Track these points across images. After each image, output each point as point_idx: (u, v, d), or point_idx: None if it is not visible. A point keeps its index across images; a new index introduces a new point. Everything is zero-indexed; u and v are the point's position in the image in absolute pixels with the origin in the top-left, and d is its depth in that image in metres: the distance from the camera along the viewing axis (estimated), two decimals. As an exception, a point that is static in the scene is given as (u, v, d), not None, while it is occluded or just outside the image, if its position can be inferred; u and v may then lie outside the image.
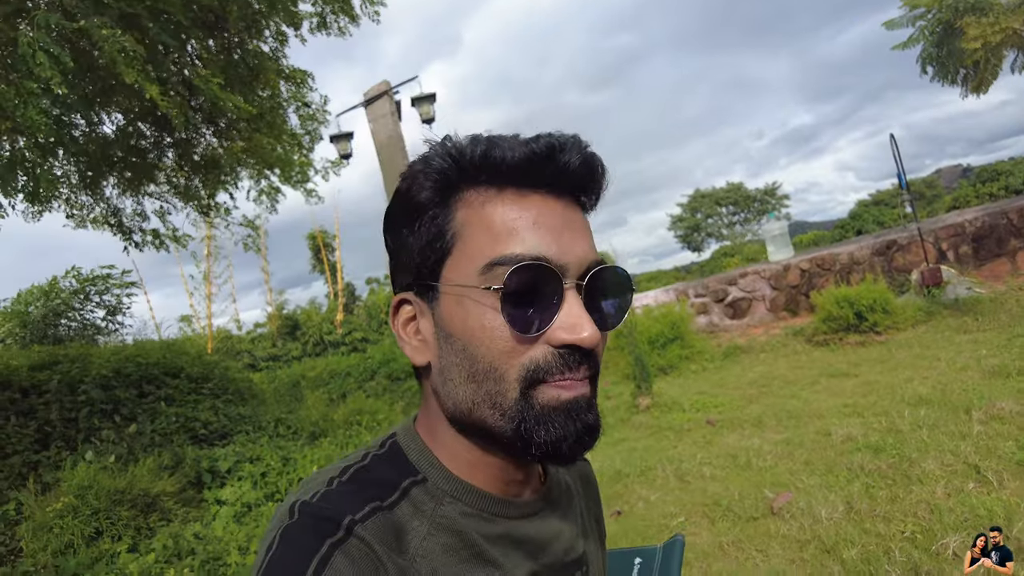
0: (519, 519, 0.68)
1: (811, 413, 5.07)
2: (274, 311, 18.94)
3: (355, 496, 0.62)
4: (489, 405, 0.61)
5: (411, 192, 0.65)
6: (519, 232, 0.61)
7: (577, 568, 0.75)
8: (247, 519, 4.56)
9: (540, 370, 0.60)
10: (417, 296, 0.66)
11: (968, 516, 2.81)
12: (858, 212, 35.93)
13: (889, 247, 8.30)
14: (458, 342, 0.62)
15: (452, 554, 0.63)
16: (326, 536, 0.57)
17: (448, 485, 0.66)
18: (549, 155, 0.62)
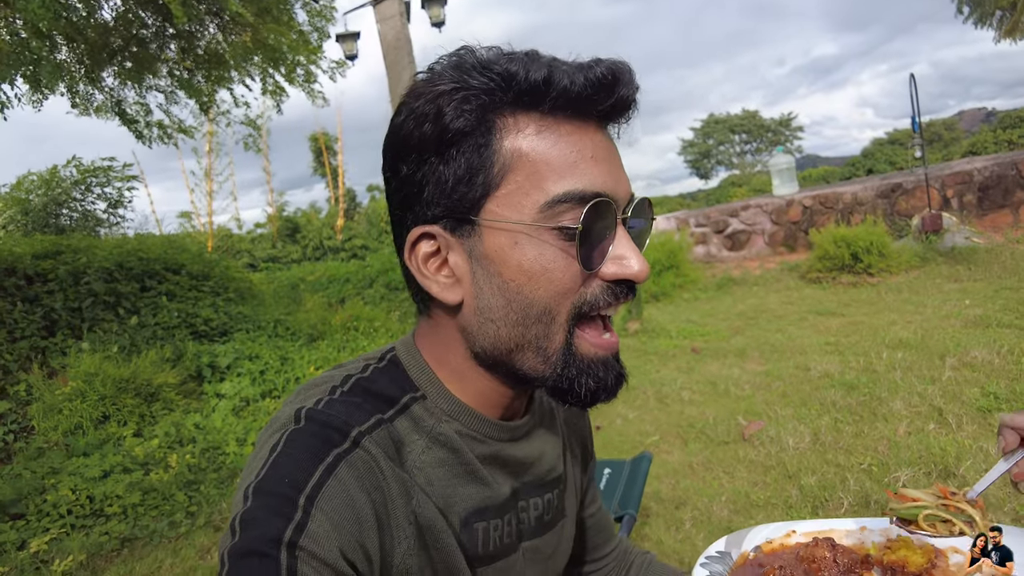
0: (508, 441, 0.71)
1: (794, 348, 5.23)
2: (275, 212, 18.92)
3: (359, 408, 0.63)
4: (534, 350, 0.62)
5: (443, 114, 0.58)
6: (579, 165, 0.59)
7: (555, 487, 0.79)
8: (245, 413, 4.79)
9: (587, 305, 0.61)
10: (446, 230, 0.62)
11: (923, 453, 2.99)
12: (871, 151, 35.28)
13: (894, 190, 8.26)
14: (510, 283, 0.60)
15: (447, 468, 0.66)
16: (333, 445, 0.58)
17: (447, 404, 0.67)
18: (612, 85, 0.59)
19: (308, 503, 0.53)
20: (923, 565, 0.70)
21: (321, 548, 0.51)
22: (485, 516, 0.68)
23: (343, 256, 17.74)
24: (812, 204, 8.92)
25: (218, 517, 3.29)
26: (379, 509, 0.58)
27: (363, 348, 6.15)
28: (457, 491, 0.66)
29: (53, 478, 3.65)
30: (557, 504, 0.80)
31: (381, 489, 0.59)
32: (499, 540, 0.70)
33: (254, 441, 3.89)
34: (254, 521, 0.51)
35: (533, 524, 0.76)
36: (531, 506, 0.75)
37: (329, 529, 0.52)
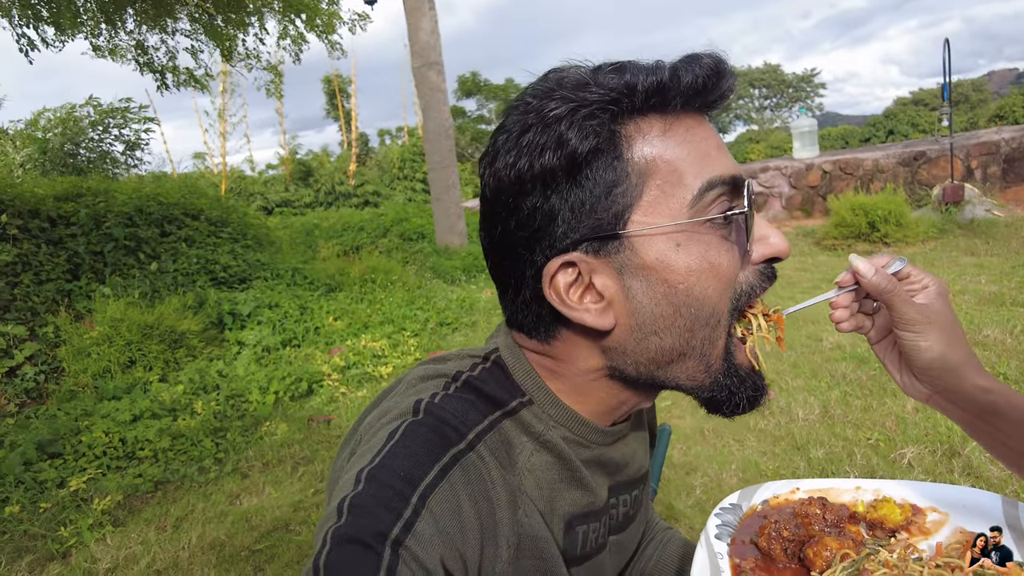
0: (610, 445, 0.73)
1: (806, 317, 5.27)
2: (288, 155, 18.83)
3: (474, 407, 0.63)
4: (697, 357, 0.62)
5: (566, 139, 0.57)
6: (711, 155, 0.60)
7: (642, 482, 0.83)
8: (266, 361, 4.91)
9: (744, 295, 0.62)
10: (588, 254, 0.60)
11: (929, 431, 3.07)
12: (894, 111, 34.40)
13: (916, 158, 8.15)
14: (679, 287, 0.59)
15: (553, 472, 0.66)
16: (451, 444, 0.58)
17: (554, 411, 0.67)
18: (721, 75, 0.59)
19: (420, 502, 0.53)
20: (899, 522, 0.76)
21: (424, 551, 0.50)
22: (587, 520, 0.70)
23: (355, 202, 17.74)
24: (832, 169, 8.82)
25: (245, 465, 3.44)
26: (484, 519, 0.58)
27: (380, 301, 6.24)
28: (562, 495, 0.67)
29: (86, 420, 3.80)
30: (640, 499, 0.83)
31: (489, 498, 0.59)
32: (595, 541, 0.72)
33: (276, 390, 4.03)
34: (363, 509, 0.51)
35: (620, 519, 0.79)
36: (620, 503, 0.78)
37: (434, 533, 0.52)
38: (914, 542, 0.74)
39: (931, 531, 0.76)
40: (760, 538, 0.76)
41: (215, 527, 2.84)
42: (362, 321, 5.71)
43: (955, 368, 0.65)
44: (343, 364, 4.76)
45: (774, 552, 0.74)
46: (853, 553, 0.70)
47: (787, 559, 0.73)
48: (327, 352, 5.05)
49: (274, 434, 3.75)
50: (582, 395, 0.68)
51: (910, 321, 0.65)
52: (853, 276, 0.70)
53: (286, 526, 2.79)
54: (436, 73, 8.89)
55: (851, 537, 0.74)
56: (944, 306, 0.67)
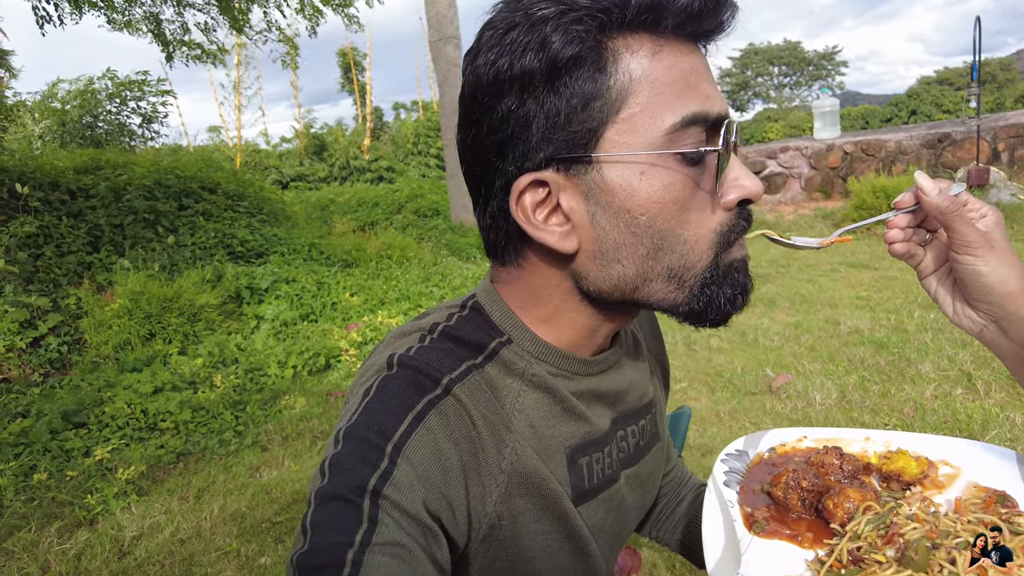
0: (598, 375, 0.71)
1: (824, 301, 5.24)
2: (302, 129, 18.79)
3: (450, 354, 0.63)
4: (665, 279, 0.60)
5: (550, 41, 0.54)
6: (700, 87, 0.57)
7: (648, 411, 0.81)
8: (283, 335, 4.96)
9: (731, 232, 0.60)
10: (558, 172, 0.58)
11: (948, 419, 3.05)
12: (917, 91, 33.69)
13: (941, 140, 8.00)
14: (640, 218, 0.57)
15: (545, 409, 0.65)
16: (425, 391, 0.58)
17: (533, 347, 0.66)
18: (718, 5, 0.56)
19: (395, 452, 0.53)
20: (916, 475, 0.74)
21: (404, 498, 0.52)
22: (587, 451, 0.69)
23: (369, 177, 17.71)
24: (853, 151, 8.68)
25: (264, 438, 3.49)
26: (467, 459, 0.59)
27: (396, 277, 6.26)
28: (558, 430, 0.66)
29: (109, 391, 3.86)
30: (650, 428, 0.81)
31: (471, 438, 0.59)
32: (601, 473, 0.71)
33: (294, 364, 4.07)
34: (341, 466, 0.53)
35: (632, 452, 0.77)
36: (628, 434, 0.77)
37: (414, 479, 0.53)
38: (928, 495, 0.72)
39: (944, 485, 0.74)
40: (775, 487, 0.74)
41: (236, 499, 2.90)
42: (378, 297, 5.74)
43: (1014, 294, 0.63)
44: (360, 340, 4.80)
45: (790, 502, 0.72)
46: (876, 505, 0.68)
47: (803, 510, 0.72)
48: (344, 328, 5.09)
49: (293, 408, 3.80)
50: (556, 324, 0.66)
51: (971, 243, 0.63)
52: (913, 196, 0.67)
53: (306, 499, 2.83)
54: (453, 47, 8.80)
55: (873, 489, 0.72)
56: (1003, 234, 0.65)
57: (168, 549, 2.58)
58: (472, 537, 0.61)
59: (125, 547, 2.62)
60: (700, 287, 0.60)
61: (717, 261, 0.60)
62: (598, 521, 0.72)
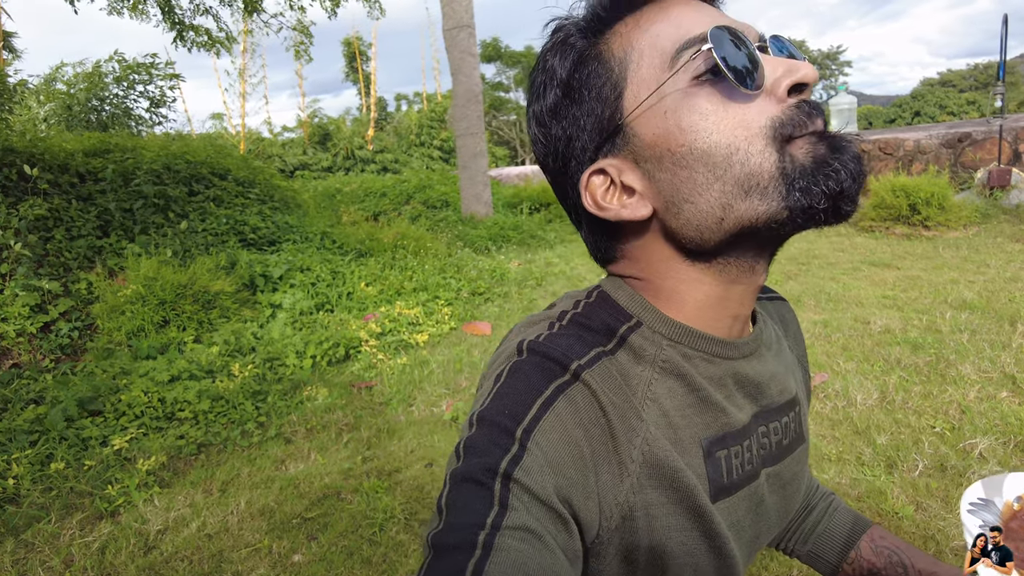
0: (739, 359, 0.67)
1: (850, 299, 5.15)
2: (306, 118, 18.61)
3: (579, 340, 0.62)
4: (744, 193, 0.56)
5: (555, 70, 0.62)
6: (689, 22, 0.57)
7: (791, 408, 0.75)
8: (300, 324, 4.85)
9: (787, 125, 0.55)
10: (609, 156, 0.61)
11: (998, 422, 2.96)
12: (921, 92, 33.69)
13: (961, 140, 7.91)
14: (679, 152, 0.57)
15: (679, 398, 0.63)
16: (553, 377, 0.58)
17: (665, 328, 0.64)
18: None
19: (525, 436, 0.54)
20: None
21: (534, 482, 0.52)
22: (726, 444, 0.65)
23: (374, 168, 17.56)
24: (871, 149, 8.59)
25: (288, 430, 3.38)
26: (596, 446, 0.58)
27: (411, 268, 6.15)
28: (693, 421, 0.63)
29: (124, 379, 3.74)
30: (794, 427, 0.76)
31: (601, 425, 0.58)
32: (740, 468, 0.67)
33: (313, 354, 3.96)
34: (475, 448, 0.54)
35: (774, 449, 0.72)
36: (771, 431, 0.72)
37: (544, 464, 0.53)
38: None
39: None
40: None
41: (263, 493, 2.79)
42: (395, 288, 5.63)
43: None
44: (379, 330, 4.69)
45: None
46: None
47: None
48: (361, 318, 4.98)
49: (315, 399, 3.69)
50: (680, 300, 0.64)
51: None
52: None
53: (337, 494, 2.73)
54: (467, 36, 8.67)
55: None
56: None
57: (195, 544, 2.47)
58: (603, 527, 0.59)
59: (150, 541, 2.51)
60: (787, 186, 0.55)
61: (787, 155, 0.55)
62: (737, 519, 0.68)
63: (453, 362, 4.16)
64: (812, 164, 0.54)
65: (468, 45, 8.71)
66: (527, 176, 12.32)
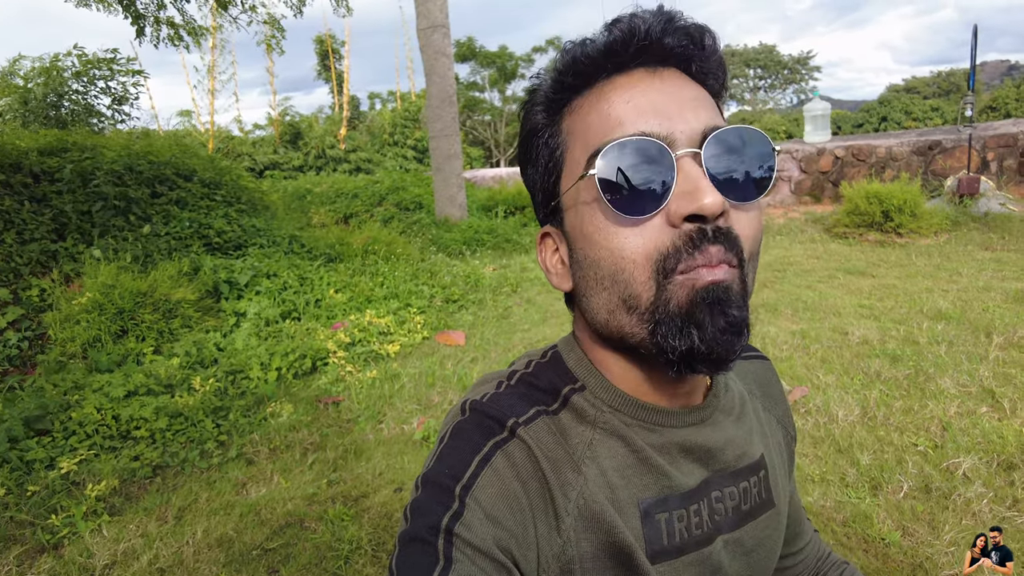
0: (684, 427, 0.66)
1: (827, 308, 5.12)
2: (277, 116, 18.25)
3: (521, 399, 0.64)
4: (624, 310, 0.58)
5: (526, 120, 0.66)
6: (615, 116, 0.58)
7: (753, 473, 0.72)
8: (265, 334, 4.66)
9: (669, 257, 0.55)
10: (552, 226, 0.66)
11: (980, 439, 2.92)
12: (888, 98, 34.39)
13: (932, 148, 7.99)
14: (581, 252, 0.61)
15: (620, 459, 0.63)
16: (492, 435, 0.61)
17: (606, 395, 0.65)
18: (630, 34, 0.57)
19: (464, 492, 0.56)
20: None
21: (475, 536, 0.54)
22: (667, 506, 0.64)
23: (346, 168, 17.28)
24: (844, 155, 8.64)
25: (250, 449, 3.21)
26: (534, 498, 0.59)
27: (383, 273, 5.99)
28: (632, 482, 0.63)
29: (76, 394, 3.53)
30: (758, 492, 0.73)
31: (538, 477, 0.60)
32: (687, 532, 0.65)
33: (278, 366, 3.78)
34: (419, 510, 0.57)
35: (731, 515, 0.70)
36: (726, 496, 0.69)
37: (483, 517, 0.56)
38: None
39: None
40: None
41: (222, 520, 2.62)
42: (365, 295, 5.46)
43: None
44: (348, 340, 4.53)
45: None
46: None
47: None
48: (329, 327, 4.81)
49: (280, 415, 3.52)
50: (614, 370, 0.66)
51: None
52: None
53: (300, 522, 2.57)
54: (442, 36, 8.52)
55: None
56: None
57: (146, 580, 2.30)
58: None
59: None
60: (653, 324, 0.57)
61: (663, 294, 0.55)
62: None
63: (425, 375, 4.01)
64: (680, 316, 0.55)
65: (442, 45, 8.56)
66: (502, 178, 12.20)
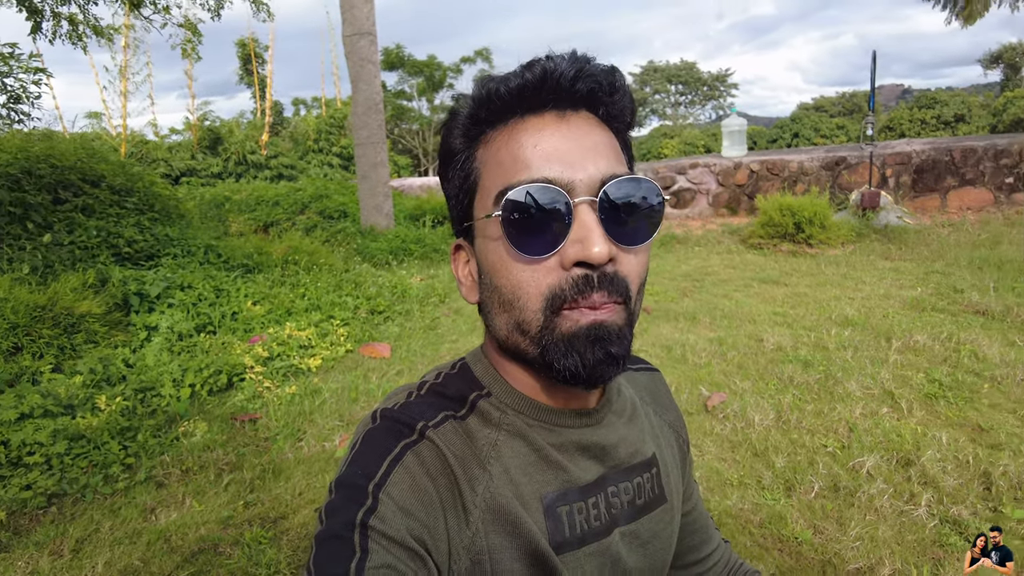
0: (580, 428, 0.72)
1: (743, 316, 5.33)
2: (196, 120, 17.51)
3: (431, 406, 0.69)
4: (520, 332, 0.65)
5: (444, 141, 0.70)
6: (523, 159, 0.62)
7: (646, 470, 0.79)
8: (178, 349, 4.44)
9: (558, 296, 0.62)
10: (464, 239, 0.71)
11: (882, 439, 3.10)
12: (799, 115, 36.36)
13: (838, 163, 8.48)
14: (487, 275, 0.67)
15: (522, 457, 0.68)
16: (402, 437, 0.65)
17: (510, 399, 0.70)
18: (541, 79, 0.62)
19: (376, 489, 0.60)
20: None
21: (389, 527, 0.58)
22: (567, 500, 0.69)
23: (268, 175, 16.77)
24: (759, 169, 9.05)
25: (160, 472, 3.03)
26: (443, 493, 0.63)
27: (305, 285, 5.82)
28: (534, 478, 0.68)
29: (-39, 418, 3.24)
30: (651, 488, 0.80)
31: (447, 474, 0.64)
32: (586, 523, 0.70)
33: (192, 383, 3.60)
34: (334, 510, 0.60)
35: (626, 508, 0.76)
36: (621, 491, 0.75)
37: (396, 510, 0.59)
38: None
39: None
40: None
41: (127, 550, 2.45)
42: (285, 307, 5.29)
43: None
44: (266, 355, 4.36)
45: None
46: None
47: None
48: (247, 341, 4.62)
49: (193, 435, 3.34)
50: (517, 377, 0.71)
51: None
52: None
53: (215, 548, 2.44)
54: (369, 43, 8.40)
55: None
56: None
57: (39, 618, 2.12)
58: (454, 569, 0.63)
59: (-19, 619, 2.14)
60: (541, 347, 0.63)
61: (550, 323, 0.62)
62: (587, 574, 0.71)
63: (348, 390, 3.91)
64: (563, 343, 0.62)
65: (369, 53, 8.45)
66: (430, 187, 12.11)
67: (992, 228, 7.56)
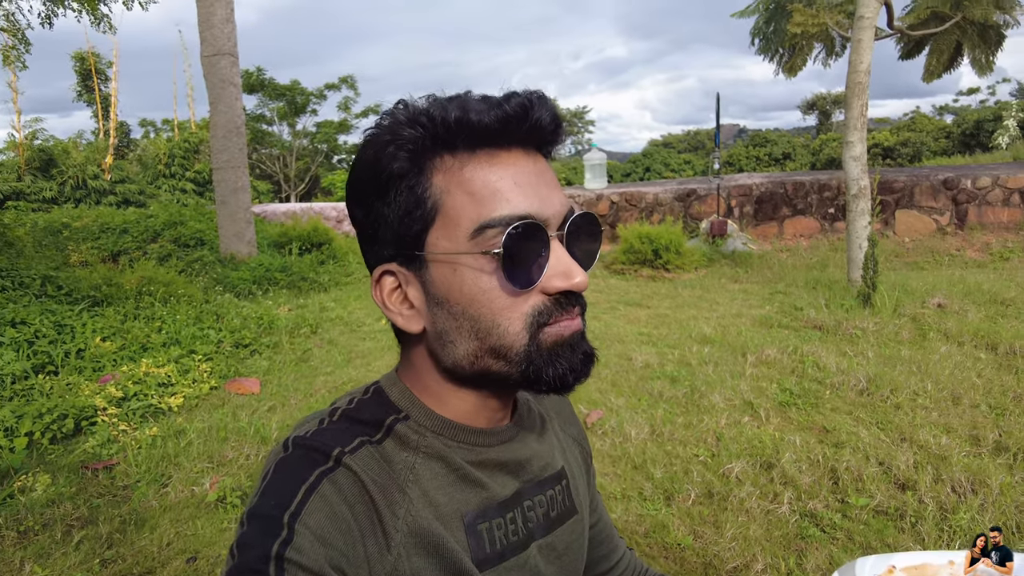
0: (496, 446, 0.74)
1: (612, 337, 5.60)
2: (24, 139, 15.72)
3: (345, 432, 0.67)
4: (494, 356, 0.66)
5: (381, 162, 0.65)
6: (502, 193, 0.64)
7: (557, 482, 0.82)
8: (10, 393, 3.92)
9: (542, 315, 0.65)
10: (400, 266, 0.68)
11: (746, 446, 3.36)
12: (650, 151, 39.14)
13: (689, 195, 9.21)
14: (456, 306, 0.66)
15: (441, 478, 0.69)
16: (317, 465, 0.63)
17: (429, 422, 0.71)
18: (523, 115, 0.64)
19: (292, 520, 0.58)
20: None
21: (306, 558, 0.56)
22: (487, 516, 0.71)
23: (112, 200, 15.38)
24: (619, 200, 9.62)
25: (-8, 532, 2.64)
26: (362, 520, 0.62)
27: (160, 317, 5.37)
28: (454, 497, 0.69)
29: None
30: (563, 500, 0.83)
31: (365, 501, 0.63)
32: (505, 539, 0.72)
33: (29, 430, 3.21)
34: (247, 544, 0.57)
35: (542, 521, 0.78)
36: (536, 504, 0.78)
37: (313, 540, 0.57)
38: None
39: None
40: None
41: (-47, 626, 2.11)
42: (139, 342, 4.85)
43: None
44: (120, 395, 3.96)
45: None
46: None
47: None
48: (96, 380, 4.18)
49: (33, 490, 2.95)
50: (445, 400, 0.72)
51: None
52: None
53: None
54: (229, 64, 8.03)
55: None
56: None
57: None
58: None
59: None
60: (526, 363, 0.66)
61: (535, 341, 0.65)
62: None
63: (216, 429, 3.64)
64: (551, 353, 0.65)
65: (230, 74, 8.07)
66: (295, 213, 11.67)
67: (820, 253, 8.54)
